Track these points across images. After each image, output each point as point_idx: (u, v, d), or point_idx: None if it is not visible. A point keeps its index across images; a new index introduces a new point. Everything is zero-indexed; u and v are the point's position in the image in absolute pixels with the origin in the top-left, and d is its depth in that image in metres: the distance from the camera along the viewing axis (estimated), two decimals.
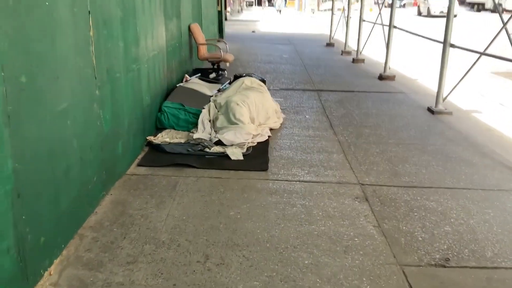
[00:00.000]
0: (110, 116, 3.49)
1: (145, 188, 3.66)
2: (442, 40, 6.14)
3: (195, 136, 4.74)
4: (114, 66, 3.60)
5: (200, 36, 7.45)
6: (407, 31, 8.17)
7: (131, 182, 3.76)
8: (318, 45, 14.16)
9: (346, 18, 12.29)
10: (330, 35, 14.29)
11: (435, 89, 6.83)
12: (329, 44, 13.99)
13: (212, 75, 6.93)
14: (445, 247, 2.93)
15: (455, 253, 2.86)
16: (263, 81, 6.70)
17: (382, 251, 2.86)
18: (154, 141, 4.64)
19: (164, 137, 4.78)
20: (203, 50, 7.55)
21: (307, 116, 5.92)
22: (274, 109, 5.56)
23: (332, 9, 14.56)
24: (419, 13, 34.23)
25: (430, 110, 6.26)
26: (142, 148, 4.50)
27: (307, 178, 3.96)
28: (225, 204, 3.43)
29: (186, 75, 6.58)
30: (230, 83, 6.20)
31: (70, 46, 2.78)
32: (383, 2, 9.57)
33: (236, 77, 6.13)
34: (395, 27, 8.27)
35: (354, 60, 10.61)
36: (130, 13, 4.05)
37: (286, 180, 3.90)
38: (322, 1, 42.40)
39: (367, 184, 3.86)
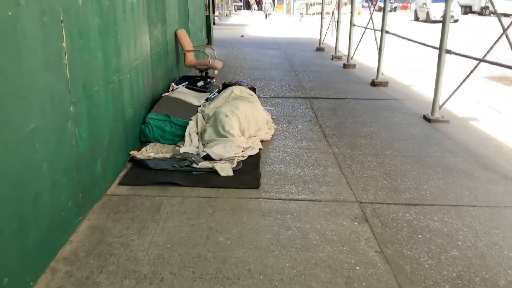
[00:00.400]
0: (87, 133, 3.20)
1: (126, 210, 3.37)
2: (437, 45, 5.93)
3: (182, 150, 4.46)
4: (91, 79, 3.31)
5: (187, 42, 7.18)
6: (399, 36, 7.97)
7: (111, 204, 3.47)
8: (308, 50, 13.96)
9: (336, 22, 12.10)
10: (320, 39, 14.10)
11: (430, 96, 6.63)
12: (319, 49, 13.79)
13: (200, 83, 6.66)
14: (455, 275, 2.69)
15: (465, 282, 2.62)
16: (253, 89, 6.44)
17: (387, 282, 2.61)
18: (137, 156, 4.35)
19: (149, 152, 4.50)
20: (191, 57, 7.28)
21: (299, 126, 5.67)
22: (265, 119, 5.31)
23: (321, 13, 14.38)
24: (416, 18, 31.75)
25: (426, 118, 6.04)
26: (124, 164, 4.21)
27: (302, 196, 3.70)
28: (214, 228, 3.15)
29: (173, 84, 6.30)
30: (219, 92, 5.93)
31: (39, 61, 2.49)
32: (374, 6, 9.38)
33: (225, 86, 5.86)
34: (387, 32, 8.07)
35: (345, 65, 10.41)
36: (110, 21, 3.77)
37: (280, 199, 3.64)
38: (311, 5, 42.34)
39: (366, 202, 3.61)
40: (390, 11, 44.08)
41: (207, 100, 5.97)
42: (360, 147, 4.94)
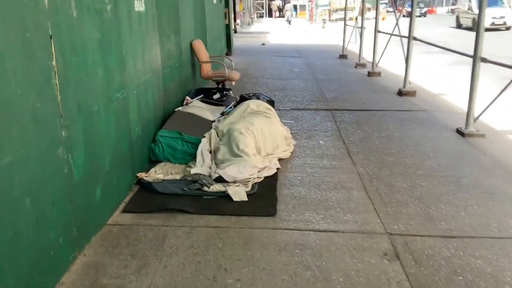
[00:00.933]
0: (83, 159, 2.89)
1: (127, 244, 3.04)
2: (471, 53, 5.46)
3: (193, 171, 4.12)
4: (89, 99, 3.01)
5: (203, 53, 6.88)
6: (428, 43, 7.50)
7: (112, 235, 3.15)
8: (330, 57, 13.54)
9: (360, 28, 11.65)
10: (343, 46, 13.66)
11: (462, 107, 6.18)
12: (342, 56, 13.35)
13: (216, 96, 6.34)
14: None
15: None
16: (272, 102, 6.08)
17: None
18: (145, 178, 4.03)
19: (158, 173, 4.18)
20: (207, 69, 6.98)
21: (321, 142, 5.27)
22: (283, 135, 4.93)
23: (344, 19, 13.95)
24: (459, 25, 26.18)
25: (459, 132, 5.56)
26: (130, 187, 3.90)
27: (323, 226, 3.31)
28: (223, 266, 2.79)
29: (187, 97, 6.00)
30: (235, 105, 5.59)
31: (18, 82, 2.19)
32: (400, 11, 8.92)
33: (242, 99, 5.52)
34: (415, 38, 7.60)
35: (369, 74, 9.95)
36: (112, 35, 3.48)
37: (298, 229, 3.25)
38: (334, 11, 41.83)
39: (396, 234, 3.19)
40: (420, 16, 42.30)
41: (222, 114, 5.63)
42: (388, 166, 4.51)
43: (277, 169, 4.37)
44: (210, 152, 4.55)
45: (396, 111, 6.71)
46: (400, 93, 7.82)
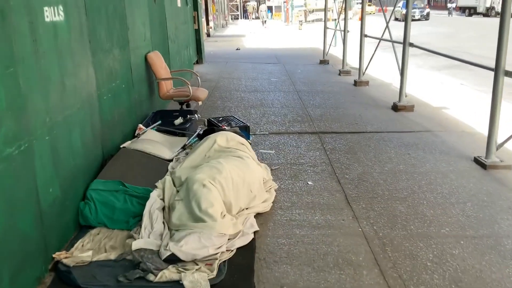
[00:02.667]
0: None
1: None
2: (491, 65, 4.40)
3: (135, 246, 2.91)
4: None
5: (160, 68, 5.66)
6: (429, 50, 6.44)
7: None
8: (310, 63, 12.46)
9: (342, 31, 10.57)
10: (324, 51, 12.57)
11: (472, 125, 5.19)
12: (323, 62, 12.28)
13: (178, 121, 5.13)
14: None
15: None
16: (246, 127, 4.90)
17: None
18: (64, 260, 2.80)
19: (85, 249, 2.96)
20: (167, 87, 5.76)
21: (309, 183, 4.13)
22: (261, 180, 3.76)
23: (324, 21, 12.87)
24: (396, 19, 24.89)
25: (478, 162, 4.49)
26: (40, 280, 2.67)
27: None
28: None
29: (140, 125, 4.77)
30: (201, 136, 4.39)
31: None
32: (391, 13, 7.86)
33: (210, 125, 4.31)
34: (411, 44, 6.53)
35: (356, 83, 8.89)
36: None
37: None
38: (310, 11, 40.95)
39: None
40: (419, 19, 35.09)
41: (184, 148, 4.43)
42: (402, 221, 3.39)
43: (255, 232, 3.21)
44: (164, 209, 3.36)
45: (395, 133, 5.62)
46: (395, 107, 6.75)
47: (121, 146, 4.10)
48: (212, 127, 4.23)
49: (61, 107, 3.02)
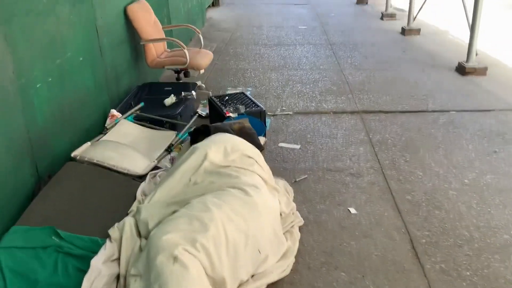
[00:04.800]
0: None
1: None
2: None
3: None
4: None
5: (148, 25, 4.16)
6: None
7: None
8: (345, 3, 10.52)
9: None
10: None
11: None
12: (361, 1, 10.35)
13: (170, 100, 3.72)
14: None
15: None
16: (260, 115, 3.46)
17: None
18: None
19: None
20: (157, 50, 4.29)
21: (352, 211, 2.73)
22: (276, 224, 2.36)
23: None
24: None
25: None
26: None
27: None
28: None
29: (113, 112, 3.40)
30: (193, 136, 2.97)
31: None
32: None
33: (197, 133, 2.87)
34: None
35: (404, 31, 7.13)
36: None
37: None
38: None
39: None
40: None
41: (169, 150, 3.05)
42: None
43: None
44: (118, 281, 2.05)
45: (468, 113, 4.07)
46: (461, 70, 5.11)
47: (72, 155, 2.75)
48: (205, 126, 2.81)
49: None
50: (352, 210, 2.73)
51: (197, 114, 3.84)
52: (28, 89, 2.46)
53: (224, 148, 2.52)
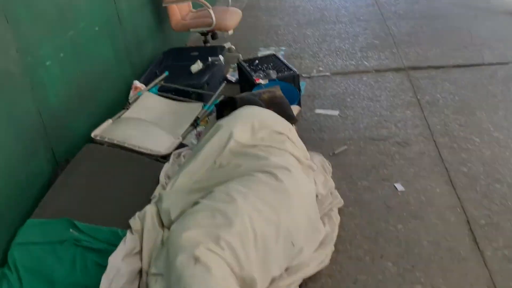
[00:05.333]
0: None
1: None
2: None
3: None
4: None
5: None
6: None
7: None
8: None
9: None
10: None
11: None
12: None
13: (196, 67, 3.45)
14: None
15: None
16: (293, 80, 3.15)
17: None
18: None
19: None
20: (181, 11, 3.98)
21: (398, 187, 2.43)
22: (312, 210, 2.10)
23: None
24: None
25: None
26: None
27: None
28: None
29: (136, 83, 3.18)
30: (219, 108, 2.71)
31: None
32: None
33: (222, 106, 2.60)
34: None
35: None
36: None
37: None
38: None
39: None
40: None
41: (194, 125, 2.82)
42: None
43: None
44: (141, 275, 1.90)
45: None
46: None
47: (92, 135, 2.58)
48: (231, 98, 2.53)
49: None
50: (399, 187, 2.42)
51: (225, 81, 3.55)
52: (37, 68, 2.26)
53: (251, 124, 2.26)
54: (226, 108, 2.55)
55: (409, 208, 2.27)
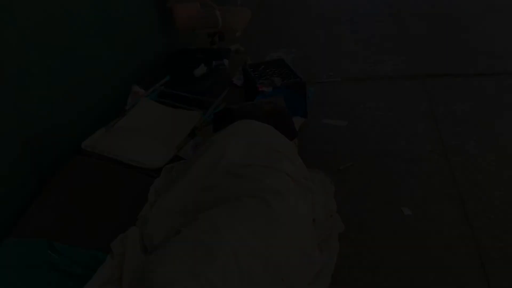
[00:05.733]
0: None
1: None
2: None
3: None
4: None
5: None
6: None
7: None
8: None
9: None
10: None
11: None
12: None
13: (200, 70, 3.30)
14: None
15: None
16: (299, 88, 2.97)
17: None
18: None
19: None
20: (188, 10, 3.83)
21: (406, 212, 2.25)
22: (305, 246, 1.90)
23: None
24: None
25: None
26: None
27: None
28: None
29: (134, 87, 3.05)
30: (214, 119, 2.56)
31: None
32: None
33: (219, 119, 2.43)
34: None
35: None
36: None
37: None
38: None
39: None
40: None
41: (192, 135, 2.68)
42: None
43: None
44: None
45: None
46: None
47: (82, 146, 2.45)
48: (228, 110, 2.37)
49: None
50: (406, 211, 2.24)
51: (229, 87, 3.39)
52: (20, 74, 2.14)
53: (246, 141, 2.10)
54: (223, 120, 2.40)
55: (415, 236, 2.09)
